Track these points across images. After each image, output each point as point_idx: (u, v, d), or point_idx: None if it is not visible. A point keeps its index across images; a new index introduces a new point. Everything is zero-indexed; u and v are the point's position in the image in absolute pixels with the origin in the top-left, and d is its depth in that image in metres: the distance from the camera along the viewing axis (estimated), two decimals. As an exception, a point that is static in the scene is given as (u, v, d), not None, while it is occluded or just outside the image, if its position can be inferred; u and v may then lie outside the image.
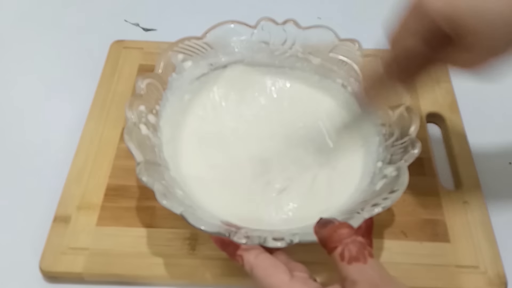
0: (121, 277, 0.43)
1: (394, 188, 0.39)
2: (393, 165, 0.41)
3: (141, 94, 0.45)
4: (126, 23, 0.65)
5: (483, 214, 0.46)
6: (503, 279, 0.43)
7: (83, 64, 0.60)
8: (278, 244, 0.36)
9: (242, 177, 0.46)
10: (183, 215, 0.37)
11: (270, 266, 0.34)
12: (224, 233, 0.36)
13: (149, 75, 0.46)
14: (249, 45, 0.50)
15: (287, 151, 0.48)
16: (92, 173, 0.48)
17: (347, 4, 0.67)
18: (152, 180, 0.38)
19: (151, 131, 0.44)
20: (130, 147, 0.40)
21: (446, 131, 0.53)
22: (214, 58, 0.50)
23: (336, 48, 0.49)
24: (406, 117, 0.44)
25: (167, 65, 0.48)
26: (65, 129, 0.53)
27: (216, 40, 0.50)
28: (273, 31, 0.50)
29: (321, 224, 0.35)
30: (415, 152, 0.41)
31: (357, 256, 0.31)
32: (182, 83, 0.49)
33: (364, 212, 0.37)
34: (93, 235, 0.44)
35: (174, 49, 0.48)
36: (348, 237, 0.33)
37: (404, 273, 0.43)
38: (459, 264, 0.43)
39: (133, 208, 0.46)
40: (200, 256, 0.43)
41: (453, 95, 0.55)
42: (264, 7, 0.56)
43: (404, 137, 0.43)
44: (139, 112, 0.44)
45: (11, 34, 0.63)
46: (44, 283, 0.43)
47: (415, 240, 0.45)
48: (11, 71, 0.59)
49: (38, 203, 0.47)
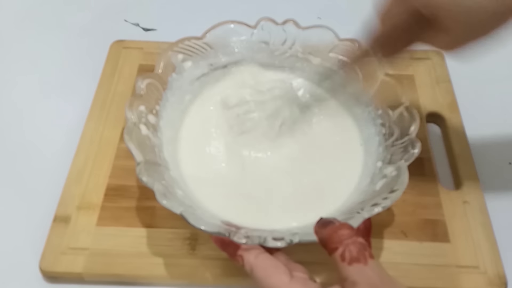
0: (121, 277, 0.43)
1: (394, 187, 0.39)
2: (393, 165, 0.41)
3: (141, 94, 0.45)
4: (126, 23, 0.65)
5: (483, 214, 0.46)
6: (503, 279, 0.43)
7: (83, 64, 0.60)
8: (278, 244, 0.36)
9: (242, 177, 0.46)
10: (183, 215, 0.37)
11: (270, 267, 0.34)
12: (224, 233, 0.36)
13: (149, 75, 0.46)
14: (249, 45, 0.50)
15: (287, 151, 0.48)
16: (92, 173, 0.48)
17: (347, 4, 0.67)
18: (152, 180, 0.38)
19: (151, 131, 0.44)
20: (130, 147, 0.40)
21: (446, 131, 0.53)
22: (214, 58, 0.50)
23: (336, 48, 0.49)
24: (406, 117, 0.44)
25: (167, 65, 0.48)
26: (65, 129, 0.53)
27: (216, 40, 0.50)
28: (273, 31, 0.50)
29: (322, 224, 0.35)
30: (415, 152, 0.41)
31: (357, 257, 0.31)
32: (182, 83, 0.49)
33: (364, 211, 0.37)
34: (93, 235, 0.44)
35: (174, 49, 0.48)
36: (349, 238, 0.32)
37: (404, 273, 0.43)
38: (459, 264, 0.43)
39: (133, 208, 0.46)
40: (200, 256, 0.43)
41: (453, 95, 0.55)
42: (264, 7, 0.57)
43: (404, 137, 0.43)
44: (139, 112, 0.44)
45: (11, 34, 0.63)
46: (44, 283, 0.43)
47: (415, 240, 0.45)
48: (11, 71, 0.59)
49: (38, 203, 0.47)
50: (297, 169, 0.46)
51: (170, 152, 0.45)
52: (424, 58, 0.58)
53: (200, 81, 0.50)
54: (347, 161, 0.46)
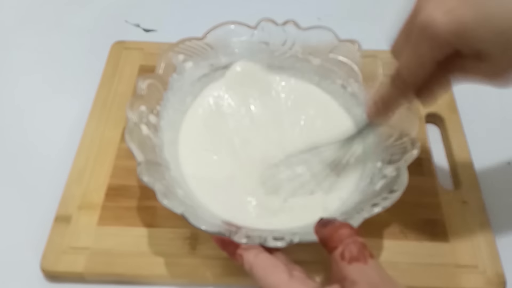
0: (122, 277, 0.43)
1: (393, 188, 0.39)
2: (392, 165, 0.42)
3: (142, 94, 0.45)
4: (127, 24, 0.65)
5: (482, 214, 0.46)
6: (502, 278, 0.43)
7: (84, 64, 0.60)
8: (278, 244, 0.36)
9: (242, 176, 0.46)
10: (184, 215, 0.37)
11: (270, 266, 0.34)
12: (225, 232, 0.36)
13: (150, 76, 0.47)
14: (249, 46, 0.51)
15: (287, 151, 0.48)
16: (93, 173, 0.48)
17: (347, 5, 0.68)
18: (153, 180, 0.39)
19: (152, 131, 0.44)
20: (131, 147, 0.40)
21: (445, 132, 0.53)
22: (214, 59, 0.50)
23: (336, 48, 0.50)
24: (406, 117, 0.44)
25: (168, 65, 0.48)
26: (66, 129, 0.53)
27: (216, 40, 0.50)
28: (273, 32, 0.50)
29: (322, 224, 0.35)
30: (414, 152, 0.41)
31: (357, 256, 0.32)
32: (183, 84, 0.49)
33: (364, 212, 0.38)
34: (94, 234, 0.44)
35: (175, 50, 0.49)
36: (349, 237, 0.33)
37: (403, 272, 0.43)
38: (458, 263, 0.43)
39: (134, 207, 0.46)
40: (201, 256, 0.43)
41: (452, 95, 0.55)
42: (264, 8, 0.57)
43: (403, 137, 0.43)
44: (140, 113, 0.44)
45: (12, 35, 0.64)
46: (45, 283, 0.43)
47: (414, 240, 0.45)
48: (12, 72, 0.60)
49: (39, 202, 0.48)
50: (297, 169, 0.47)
51: (171, 152, 0.45)
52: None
53: (201, 81, 0.50)
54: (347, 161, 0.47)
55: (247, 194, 0.45)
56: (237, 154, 0.47)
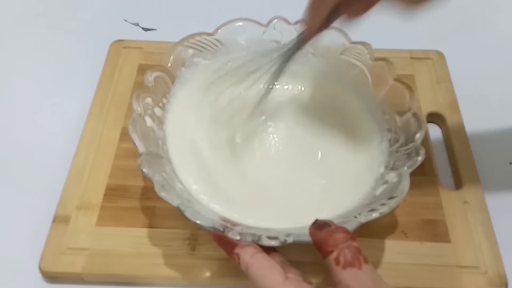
0: (120, 277, 0.43)
1: (393, 194, 0.38)
2: (395, 171, 0.41)
3: (148, 86, 0.45)
4: (126, 22, 0.65)
5: (484, 214, 0.46)
6: (503, 279, 0.42)
7: (83, 63, 0.60)
8: (272, 243, 0.36)
9: (243, 175, 0.46)
10: (179, 208, 0.36)
11: (265, 266, 0.34)
12: (219, 228, 0.36)
13: (158, 68, 0.46)
14: (260, 44, 0.50)
15: (288, 151, 0.48)
16: (91, 173, 0.48)
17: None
18: (152, 172, 0.38)
19: (156, 123, 0.44)
20: (133, 138, 0.40)
21: (447, 131, 0.53)
22: (223, 55, 0.50)
23: (347, 50, 0.49)
24: (413, 123, 0.43)
25: (176, 59, 0.48)
26: (65, 129, 0.53)
27: (226, 37, 0.50)
28: (285, 31, 0.49)
29: (317, 226, 0.34)
30: (418, 159, 0.40)
31: (352, 261, 0.31)
32: (191, 78, 0.49)
33: (361, 216, 0.37)
34: (92, 235, 0.44)
35: (185, 44, 0.48)
36: (344, 242, 0.32)
37: (405, 273, 0.43)
38: (459, 264, 0.43)
39: (133, 208, 0.46)
40: (200, 256, 0.43)
41: (453, 95, 0.55)
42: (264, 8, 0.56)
43: (408, 143, 0.42)
44: (145, 104, 0.44)
45: (11, 33, 0.63)
46: (43, 283, 0.43)
47: (415, 240, 0.45)
48: (11, 71, 0.59)
49: (38, 203, 0.47)
50: (297, 170, 0.46)
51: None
52: (425, 58, 0.58)
53: (209, 76, 0.49)
54: (348, 165, 0.46)
55: (245, 193, 0.44)
56: (238, 154, 0.47)
